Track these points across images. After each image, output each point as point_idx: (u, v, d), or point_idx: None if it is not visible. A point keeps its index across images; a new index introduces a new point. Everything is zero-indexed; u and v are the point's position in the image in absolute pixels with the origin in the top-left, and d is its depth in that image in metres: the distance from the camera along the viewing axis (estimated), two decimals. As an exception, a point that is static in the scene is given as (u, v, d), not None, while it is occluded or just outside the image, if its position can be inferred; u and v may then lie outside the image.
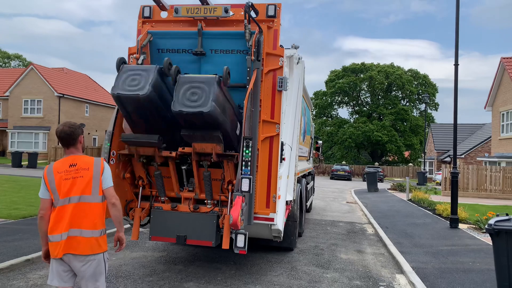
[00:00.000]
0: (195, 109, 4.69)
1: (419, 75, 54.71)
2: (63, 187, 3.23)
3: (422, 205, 15.31)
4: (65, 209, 3.23)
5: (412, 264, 6.74)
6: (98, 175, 3.30)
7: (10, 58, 64.19)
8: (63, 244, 3.20)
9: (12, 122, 36.19)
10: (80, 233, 3.22)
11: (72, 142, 3.35)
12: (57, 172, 3.28)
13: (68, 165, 3.30)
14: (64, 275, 3.34)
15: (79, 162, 3.32)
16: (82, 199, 3.25)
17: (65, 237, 3.20)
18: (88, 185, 3.27)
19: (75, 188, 3.24)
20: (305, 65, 7.43)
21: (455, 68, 10.86)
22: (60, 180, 3.25)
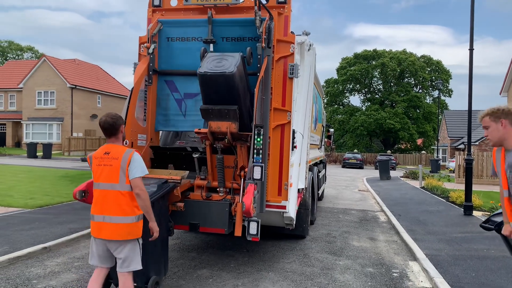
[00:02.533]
0: (219, 70, 4.93)
1: (432, 61, 53.81)
2: (95, 172, 3.56)
3: (435, 193, 15.18)
4: (98, 193, 3.55)
5: (425, 251, 6.71)
6: (125, 165, 3.48)
7: (23, 50, 64.89)
8: (96, 226, 3.53)
9: (26, 113, 36.72)
10: (109, 219, 3.47)
11: (114, 132, 3.58)
12: (95, 157, 3.58)
13: (103, 152, 3.56)
14: (102, 256, 3.64)
15: (112, 151, 3.55)
16: (111, 187, 3.49)
17: (100, 219, 3.51)
18: (115, 173, 3.49)
19: (104, 175, 3.51)
20: (316, 52, 7.35)
21: (470, 53, 10.64)
22: (94, 165, 3.56)
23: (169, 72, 6.18)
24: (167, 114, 6.22)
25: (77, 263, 5.80)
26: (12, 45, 64.00)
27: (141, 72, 5.72)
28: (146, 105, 5.97)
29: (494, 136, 3.20)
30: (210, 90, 5.14)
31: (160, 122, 6.26)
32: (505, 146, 3.18)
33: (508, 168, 3.14)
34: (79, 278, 5.17)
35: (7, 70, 42.21)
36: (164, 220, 4.77)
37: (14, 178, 15.00)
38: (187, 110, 6.15)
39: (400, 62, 51.45)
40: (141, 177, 3.53)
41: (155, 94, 6.19)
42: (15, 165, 20.74)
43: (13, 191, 11.66)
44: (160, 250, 4.65)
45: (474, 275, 5.58)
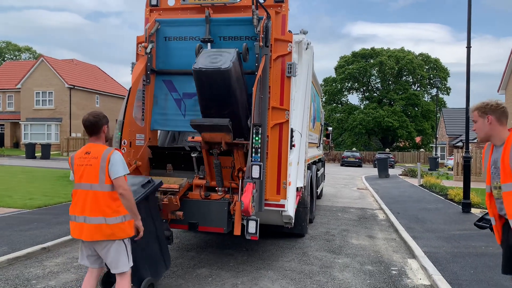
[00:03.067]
0: (215, 66, 4.95)
1: (430, 59, 53.89)
2: (76, 172, 3.48)
3: (434, 190, 15.21)
4: (79, 193, 3.47)
5: (424, 249, 6.73)
6: (104, 165, 3.39)
7: (21, 50, 64.75)
8: (77, 227, 3.45)
9: (24, 114, 36.66)
10: (89, 220, 3.38)
11: (95, 131, 3.51)
12: (76, 157, 3.51)
13: (84, 152, 3.49)
14: (90, 257, 3.60)
15: (92, 151, 3.47)
16: (92, 187, 3.41)
17: (81, 220, 3.42)
18: (95, 173, 3.40)
19: (85, 176, 3.44)
20: (314, 51, 7.36)
21: (467, 51, 10.66)
22: (76, 166, 3.49)
23: (167, 72, 6.18)
24: (166, 113, 6.21)
25: (76, 263, 5.80)
26: (10, 46, 63.86)
27: (139, 72, 5.72)
28: (144, 104, 5.97)
29: (480, 132, 3.13)
30: (205, 86, 5.14)
31: (159, 122, 6.26)
32: (492, 142, 3.12)
33: (493, 164, 3.09)
34: (78, 278, 5.17)
35: (5, 71, 42.14)
36: (155, 219, 4.71)
37: (13, 178, 14.99)
38: (186, 110, 6.15)
39: (398, 60, 51.50)
40: (123, 176, 3.42)
41: (153, 93, 6.19)
42: (13, 166, 20.71)
43: (12, 191, 11.65)
44: (156, 250, 4.64)
45: (473, 272, 5.60)
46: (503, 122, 3.04)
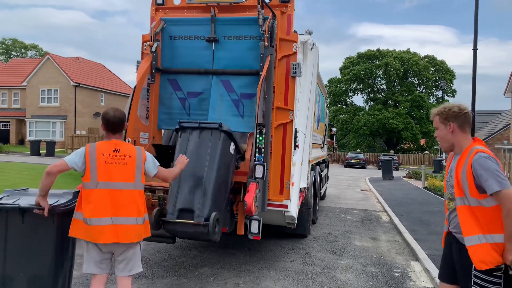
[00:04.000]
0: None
1: (436, 61, 53.63)
2: (102, 170, 3.21)
3: (438, 193, 15.13)
4: (104, 193, 3.21)
5: (427, 252, 6.70)
6: (141, 164, 3.34)
7: (27, 48, 65.11)
8: (109, 230, 3.18)
9: (30, 111, 36.86)
10: (122, 220, 3.21)
11: (120, 128, 3.38)
12: (100, 153, 3.24)
13: (112, 149, 3.27)
14: (103, 263, 3.37)
15: (122, 149, 3.31)
16: (126, 186, 3.25)
17: (109, 222, 3.18)
18: (131, 172, 3.28)
19: (118, 175, 3.24)
20: (319, 52, 7.34)
21: (473, 53, 10.62)
22: (101, 162, 3.22)
23: (171, 71, 6.18)
24: (171, 112, 6.22)
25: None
26: (16, 43, 64.24)
27: (143, 71, 5.73)
28: (149, 103, 5.98)
29: (442, 140, 2.87)
30: None
31: (164, 121, 6.27)
32: (455, 150, 2.86)
33: (450, 171, 2.86)
34: (81, 275, 5.18)
35: (11, 68, 42.39)
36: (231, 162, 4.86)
37: (18, 175, 15.07)
38: (191, 109, 6.16)
39: (404, 62, 51.29)
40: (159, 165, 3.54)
41: (158, 92, 6.20)
42: (18, 163, 20.82)
43: (17, 188, 11.69)
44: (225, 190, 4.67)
45: (476, 275, 5.56)
46: (465, 129, 2.79)
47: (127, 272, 3.39)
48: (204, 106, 6.09)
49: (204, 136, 4.69)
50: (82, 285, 4.90)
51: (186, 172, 4.21)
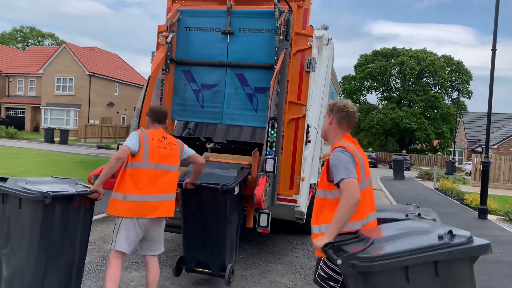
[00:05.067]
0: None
1: (452, 61, 52.84)
2: (154, 152, 3.65)
3: (450, 195, 14.97)
4: (151, 173, 3.61)
5: (436, 253, 6.63)
6: (181, 151, 3.94)
7: (44, 36, 65.92)
8: (160, 205, 3.64)
9: (45, 99, 37.35)
10: (168, 197, 3.71)
11: (165, 120, 3.94)
12: (152, 138, 3.70)
13: (161, 136, 3.78)
14: (136, 240, 3.68)
15: (168, 137, 3.87)
16: (172, 168, 3.77)
17: (159, 198, 3.65)
18: (177, 157, 3.85)
19: (165, 157, 3.73)
20: (334, 47, 7.28)
21: (492, 54, 10.40)
22: (153, 146, 3.67)
23: (186, 62, 6.20)
24: (185, 104, 6.25)
25: (89, 246, 5.89)
26: (34, 31, 65.07)
27: (158, 61, 5.75)
28: (163, 94, 6.01)
29: (323, 129, 3.04)
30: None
31: (177, 112, 6.30)
32: (329, 143, 2.98)
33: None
34: (91, 261, 5.26)
35: (28, 56, 42.97)
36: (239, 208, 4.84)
37: (32, 161, 15.32)
38: (204, 101, 6.17)
39: (420, 61, 50.63)
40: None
41: (172, 83, 6.22)
42: (33, 149, 21.16)
43: (31, 174, 11.90)
44: (236, 238, 4.80)
45: (486, 278, 5.50)
46: (342, 125, 2.90)
47: (157, 251, 3.83)
48: (217, 99, 6.10)
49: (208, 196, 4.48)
50: (92, 270, 4.97)
51: (198, 225, 4.54)
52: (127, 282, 4.71)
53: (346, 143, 2.82)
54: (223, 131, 7.11)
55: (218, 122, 6.28)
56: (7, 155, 16.49)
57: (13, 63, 41.72)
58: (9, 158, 15.46)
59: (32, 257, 3.32)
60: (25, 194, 3.27)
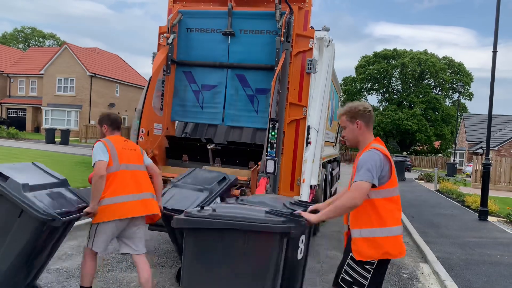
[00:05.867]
0: None
1: (453, 63, 52.84)
2: (124, 156, 3.74)
3: (450, 196, 14.97)
4: (128, 174, 3.71)
5: (437, 254, 6.63)
6: (142, 152, 4.04)
7: (45, 37, 66.00)
8: (139, 205, 3.68)
9: (46, 99, 37.38)
10: (149, 195, 3.79)
11: (120, 126, 4.09)
12: (116, 142, 3.79)
13: (122, 140, 3.91)
14: (111, 243, 3.81)
15: (128, 141, 4.03)
16: (142, 168, 3.88)
17: (136, 198, 3.69)
18: (141, 158, 3.94)
19: (135, 158, 3.86)
20: (335, 49, 7.28)
21: (493, 55, 10.41)
22: (120, 149, 3.76)
23: (187, 63, 6.22)
24: (185, 105, 6.26)
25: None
26: (35, 32, 65.15)
27: (159, 62, 5.77)
28: (164, 95, 6.02)
29: (349, 137, 2.93)
30: None
31: (178, 113, 6.31)
32: (359, 147, 2.91)
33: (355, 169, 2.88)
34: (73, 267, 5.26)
35: (29, 56, 43.02)
36: None
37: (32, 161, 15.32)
38: (204, 102, 6.18)
39: (421, 62, 50.63)
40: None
41: (173, 84, 6.24)
42: (34, 150, 21.17)
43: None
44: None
45: (486, 280, 5.50)
46: (369, 127, 2.88)
47: (141, 250, 3.83)
48: (217, 100, 6.12)
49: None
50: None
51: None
52: (127, 283, 4.71)
53: (379, 146, 2.77)
54: (224, 132, 7.13)
55: (218, 123, 6.30)
56: (8, 156, 16.50)
57: (14, 63, 41.77)
58: (10, 159, 15.47)
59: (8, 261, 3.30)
60: (33, 211, 3.14)
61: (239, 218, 2.71)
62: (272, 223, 2.67)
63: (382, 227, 2.67)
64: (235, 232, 2.70)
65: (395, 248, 2.71)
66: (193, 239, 2.83)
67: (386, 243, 2.68)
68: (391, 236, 2.68)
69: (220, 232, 2.72)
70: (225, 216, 2.74)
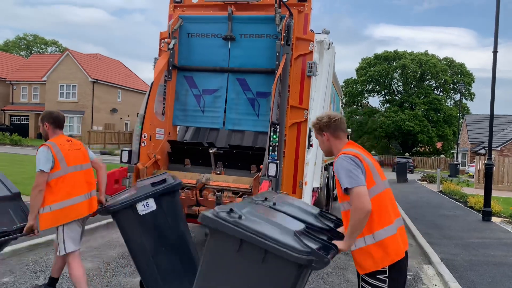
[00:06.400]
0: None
1: (454, 63, 52.77)
2: (70, 157, 3.82)
3: (453, 197, 14.93)
4: (79, 174, 3.86)
5: (440, 255, 6.62)
6: (86, 149, 4.11)
7: (48, 44, 66.29)
8: (88, 204, 3.87)
9: (49, 106, 37.45)
10: (94, 193, 3.98)
11: (63, 126, 4.10)
12: (61, 144, 3.85)
13: (65, 140, 3.94)
14: (80, 235, 3.95)
15: (72, 140, 4.06)
16: (87, 166, 3.99)
17: (87, 197, 3.87)
18: (87, 155, 4.03)
19: (81, 158, 3.94)
20: (335, 51, 7.31)
21: (493, 55, 10.42)
22: (66, 151, 3.83)
23: (188, 68, 6.25)
24: (186, 109, 6.29)
25: (93, 252, 5.92)
26: (37, 39, 65.45)
27: (161, 67, 5.81)
28: (165, 99, 6.05)
29: (323, 149, 2.94)
30: None
31: (179, 117, 6.35)
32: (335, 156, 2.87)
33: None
34: (95, 267, 5.28)
35: (31, 63, 43.21)
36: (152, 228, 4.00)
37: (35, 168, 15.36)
38: (205, 106, 6.21)
39: (422, 63, 50.59)
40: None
41: (174, 89, 6.27)
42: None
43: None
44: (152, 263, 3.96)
45: (490, 281, 5.48)
46: (339, 135, 2.84)
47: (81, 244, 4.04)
48: (218, 104, 6.15)
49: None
50: (96, 276, 4.99)
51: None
52: (131, 288, 4.73)
53: (349, 149, 2.73)
54: (226, 136, 7.15)
55: (218, 127, 6.33)
56: (12, 162, 16.57)
57: (17, 70, 41.98)
58: (14, 165, 15.54)
59: None
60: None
61: (261, 235, 2.36)
62: (295, 251, 2.29)
63: (372, 233, 2.57)
64: (254, 248, 2.40)
65: (392, 249, 2.57)
66: (214, 240, 2.57)
67: (382, 247, 2.56)
68: (384, 239, 2.56)
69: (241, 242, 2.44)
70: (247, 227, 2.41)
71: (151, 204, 3.75)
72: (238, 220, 2.43)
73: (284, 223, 2.60)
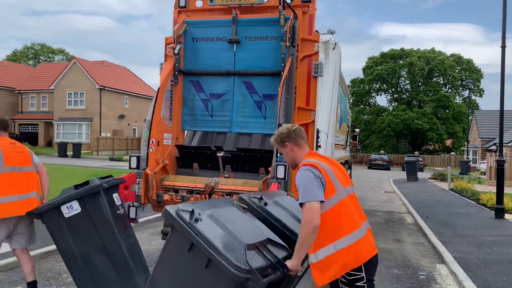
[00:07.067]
0: None
1: (462, 60, 52.30)
2: (10, 158, 4.01)
3: (465, 195, 14.75)
4: (16, 175, 4.03)
5: (453, 254, 6.54)
6: (30, 153, 4.29)
7: (55, 53, 67.01)
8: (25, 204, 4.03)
9: (57, 114, 37.88)
10: (35, 194, 4.15)
11: (8, 128, 4.30)
12: (4, 145, 4.05)
13: (9, 142, 4.15)
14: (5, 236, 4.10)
15: (16, 142, 4.25)
16: (29, 169, 4.17)
17: (22, 198, 4.04)
18: (30, 158, 4.23)
19: (22, 160, 4.12)
20: (341, 51, 7.28)
21: (502, 50, 10.30)
22: (7, 152, 4.03)
23: (194, 72, 6.26)
24: (194, 114, 6.30)
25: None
26: (45, 48, 66.19)
27: (167, 72, 5.82)
28: (172, 104, 6.06)
29: (288, 160, 3.00)
30: None
31: (187, 122, 6.36)
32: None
33: None
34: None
35: (39, 72, 43.69)
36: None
37: (46, 176, 15.50)
38: (213, 110, 6.22)
39: (429, 61, 50.23)
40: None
41: (181, 94, 6.28)
42: (47, 164, 21.39)
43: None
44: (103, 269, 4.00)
45: (505, 279, 5.40)
46: (300, 144, 2.91)
47: (28, 243, 4.23)
48: (226, 107, 6.15)
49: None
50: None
51: None
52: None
53: (308, 159, 2.78)
54: (233, 139, 7.14)
55: (228, 131, 6.33)
56: (22, 171, 16.74)
57: (25, 80, 42.47)
58: (24, 174, 15.68)
59: None
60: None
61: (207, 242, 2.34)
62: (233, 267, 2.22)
63: (335, 241, 2.63)
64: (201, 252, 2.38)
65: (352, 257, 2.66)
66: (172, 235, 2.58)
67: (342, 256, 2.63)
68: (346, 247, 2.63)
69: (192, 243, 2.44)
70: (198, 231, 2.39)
71: (75, 206, 3.78)
72: (193, 223, 2.45)
73: (243, 233, 2.55)
